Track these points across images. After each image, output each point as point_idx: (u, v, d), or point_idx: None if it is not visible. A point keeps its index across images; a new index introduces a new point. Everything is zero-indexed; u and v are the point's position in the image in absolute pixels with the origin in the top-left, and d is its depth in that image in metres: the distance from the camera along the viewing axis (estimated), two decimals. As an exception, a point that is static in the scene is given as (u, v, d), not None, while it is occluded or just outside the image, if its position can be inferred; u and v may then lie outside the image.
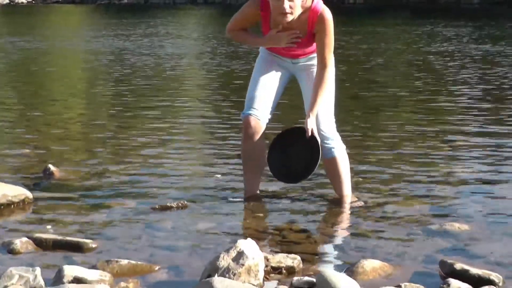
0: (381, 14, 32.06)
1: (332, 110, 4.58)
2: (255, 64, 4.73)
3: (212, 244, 3.89)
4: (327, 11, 4.41)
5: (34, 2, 49.74)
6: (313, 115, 4.44)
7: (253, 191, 4.69)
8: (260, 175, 4.71)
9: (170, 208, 4.52)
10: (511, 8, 35.17)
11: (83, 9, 42.60)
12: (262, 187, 4.80)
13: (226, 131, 7.09)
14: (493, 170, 5.51)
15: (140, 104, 9.00)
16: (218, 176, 5.32)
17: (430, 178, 5.29)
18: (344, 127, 6.33)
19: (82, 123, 7.81)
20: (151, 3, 48.20)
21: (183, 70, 12.87)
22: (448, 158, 5.98)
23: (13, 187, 4.67)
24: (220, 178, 5.29)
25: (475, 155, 6.03)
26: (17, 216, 4.43)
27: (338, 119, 4.67)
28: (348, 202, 4.62)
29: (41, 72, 12.85)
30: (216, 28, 23.69)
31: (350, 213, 4.50)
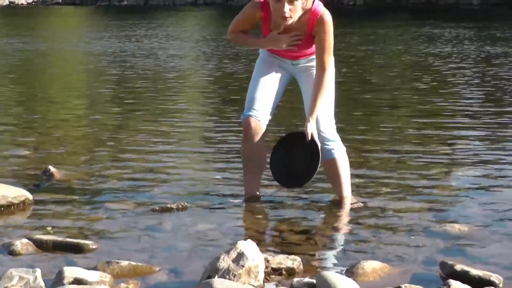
0: (380, 16, 32.11)
1: (332, 111, 4.57)
2: (255, 65, 4.73)
3: (212, 245, 3.88)
4: (327, 13, 4.41)
5: (34, 3, 49.75)
6: (312, 119, 4.44)
7: (253, 192, 4.69)
8: (260, 176, 4.71)
9: (170, 209, 4.52)
10: (511, 10, 35.17)
11: (83, 10, 42.63)
12: (262, 189, 4.80)
13: (226, 132, 7.08)
14: (493, 172, 5.50)
15: (139, 106, 9.00)
16: (218, 177, 5.33)
17: (430, 179, 5.29)
18: (344, 128, 6.34)
19: (82, 124, 7.81)
20: (151, 4, 48.24)
21: (183, 71, 12.87)
22: (448, 159, 5.97)
23: (13, 188, 4.67)
24: (220, 179, 5.29)
25: (476, 156, 6.03)
26: (17, 217, 4.42)
27: (337, 120, 4.66)
28: (348, 203, 4.62)
29: (41, 74, 12.86)
30: (216, 29, 23.71)
31: (350, 214, 4.50)
